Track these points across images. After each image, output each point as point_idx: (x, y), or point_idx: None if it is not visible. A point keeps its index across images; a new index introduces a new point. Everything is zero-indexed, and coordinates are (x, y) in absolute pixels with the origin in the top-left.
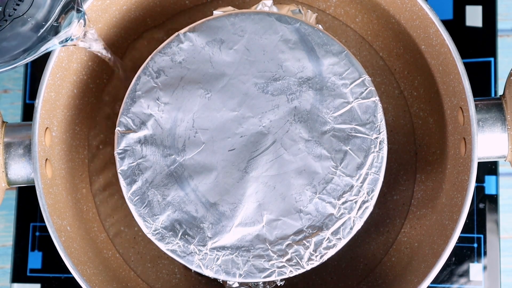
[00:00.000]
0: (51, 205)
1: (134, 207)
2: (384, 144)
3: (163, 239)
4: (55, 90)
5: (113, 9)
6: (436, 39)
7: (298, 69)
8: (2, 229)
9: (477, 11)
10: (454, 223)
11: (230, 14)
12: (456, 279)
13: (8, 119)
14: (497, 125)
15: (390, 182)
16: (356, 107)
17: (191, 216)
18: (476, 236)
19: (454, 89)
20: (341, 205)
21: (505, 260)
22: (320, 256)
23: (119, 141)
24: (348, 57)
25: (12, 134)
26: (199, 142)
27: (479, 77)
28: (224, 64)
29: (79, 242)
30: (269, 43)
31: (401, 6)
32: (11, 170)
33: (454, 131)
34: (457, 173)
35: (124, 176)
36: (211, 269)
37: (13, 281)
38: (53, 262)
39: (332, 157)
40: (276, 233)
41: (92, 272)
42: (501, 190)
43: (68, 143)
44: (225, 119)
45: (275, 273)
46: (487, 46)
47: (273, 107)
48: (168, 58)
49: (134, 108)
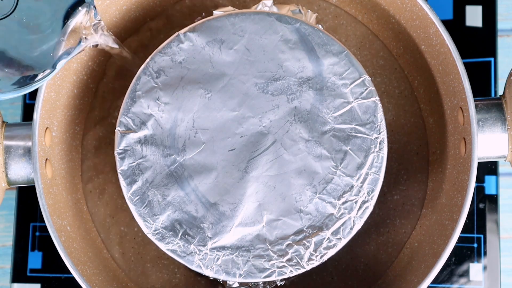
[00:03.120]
0: (51, 205)
1: (134, 207)
2: (384, 144)
3: (163, 239)
4: (55, 90)
5: (113, 9)
6: (436, 39)
7: (298, 69)
8: (2, 229)
9: (477, 11)
10: (454, 223)
11: (230, 14)
12: (456, 279)
13: (8, 119)
14: (497, 125)
15: (390, 182)
16: (356, 107)
17: (191, 216)
18: (476, 236)
19: (454, 89)
20: (341, 205)
21: (505, 260)
22: (320, 256)
23: (119, 141)
24: (348, 57)
25: (12, 134)
26: (199, 142)
27: (479, 77)
28: (224, 64)
29: (79, 242)
30: (269, 43)
31: (401, 6)
32: (11, 170)
33: (454, 131)
34: (457, 173)
35: (124, 176)
36: (211, 269)
37: (13, 281)
38: (53, 262)
39: (332, 157)
40: (276, 233)
41: (92, 272)
42: (501, 190)
43: (68, 143)
44: (225, 119)
45: (275, 273)
46: (487, 46)
47: (273, 107)
48: (168, 58)
49: (134, 108)
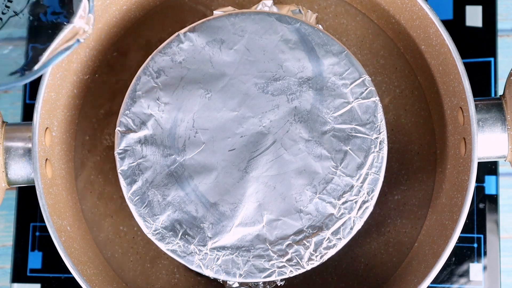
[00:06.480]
0: (51, 205)
1: (134, 207)
2: (384, 144)
3: (163, 239)
4: (55, 90)
5: (113, 9)
6: (436, 39)
7: (298, 69)
8: (2, 229)
9: (477, 11)
10: (454, 223)
11: (230, 14)
12: (456, 279)
13: (8, 119)
14: (497, 125)
15: (391, 181)
16: (356, 107)
17: (191, 216)
18: (476, 236)
19: (454, 89)
20: (341, 205)
21: (505, 260)
22: (320, 256)
23: (119, 141)
24: (348, 57)
25: (12, 134)
26: (199, 142)
27: (479, 77)
28: (224, 64)
29: (79, 242)
30: (269, 43)
31: (401, 6)
32: (11, 170)
33: (454, 131)
34: (457, 173)
35: (124, 176)
36: (211, 269)
37: (13, 281)
38: (53, 262)
39: (332, 157)
40: (276, 233)
41: (92, 272)
42: (501, 190)
43: (68, 143)
44: (225, 119)
45: (275, 273)
46: (487, 46)
47: (273, 107)
48: (168, 58)
49: (134, 108)
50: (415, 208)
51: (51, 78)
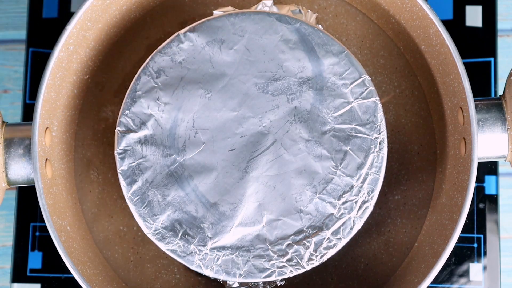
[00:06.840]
0: (51, 205)
1: (134, 207)
2: (384, 144)
3: (163, 239)
4: (55, 90)
5: (113, 9)
6: (436, 39)
7: (298, 69)
8: (2, 229)
9: (477, 11)
10: (454, 223)
11: (230, 14)
12: (456, 279)
13: (8, 119)
14: (497, 125)
15: (391, 181)
16: (356, 107)
17: (191, 216)
18: (476, 236)
19: (454, 89)
20: (341, 205)
21: (505, 260)
22: (320, 256)
23: (119, 141)
24: (348, 57)
25: (12, 134)
26: (199, 142)
27: (479, 77)
28: (224, 64)
29: (79, 242)
30: (269, 43)
31: (401, 6)
32: (11, 170)
33: (454, 131)
34: (457, 173)
35: (124, 176)
36: (211, 269)
37: (13, 281)
38: (53, 262)
39: (332, 157)
40: (276, 233)
41: (92, 272)
42: (501, 190)
43: (68, 143)
44: (225, 119)
45: (275, 273)
46: (487, 46)
47: (273, 107)
48: (168, 58)
49: (134, 108)
50: (415, 208)
51: (51, 78)
